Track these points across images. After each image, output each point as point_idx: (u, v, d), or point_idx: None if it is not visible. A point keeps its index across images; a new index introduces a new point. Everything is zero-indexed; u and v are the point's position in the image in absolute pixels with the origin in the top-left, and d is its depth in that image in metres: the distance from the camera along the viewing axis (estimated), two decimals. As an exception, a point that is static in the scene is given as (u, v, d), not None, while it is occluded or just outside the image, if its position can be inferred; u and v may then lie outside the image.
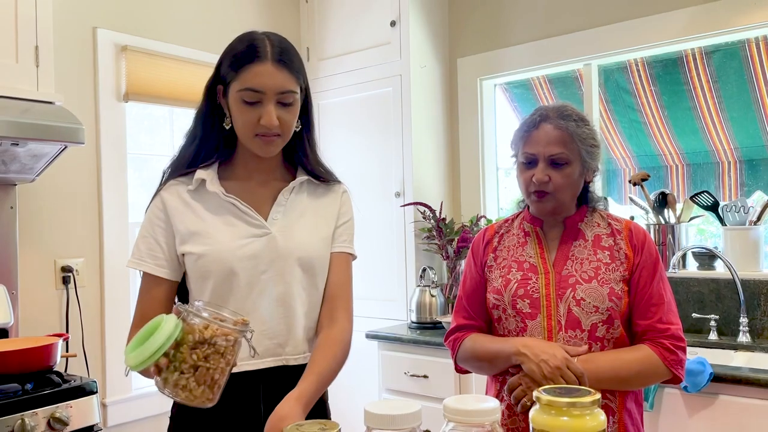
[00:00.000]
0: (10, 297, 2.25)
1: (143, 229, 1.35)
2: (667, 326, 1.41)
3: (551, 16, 3.00)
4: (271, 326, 1.32)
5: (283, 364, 1.34)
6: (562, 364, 1.32)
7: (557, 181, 1.42)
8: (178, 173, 1.37)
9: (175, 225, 1.32)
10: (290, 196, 1.38)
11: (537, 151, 1.43)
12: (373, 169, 3.20)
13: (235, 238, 1.31)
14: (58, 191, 2.52)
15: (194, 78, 2.94)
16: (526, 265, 1.49)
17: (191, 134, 1.38)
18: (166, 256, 1.32)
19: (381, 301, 3.16)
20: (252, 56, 1.26)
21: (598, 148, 1.47)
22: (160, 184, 1.38)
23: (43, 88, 2.14)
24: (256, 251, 1.31)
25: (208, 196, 1.34)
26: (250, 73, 1.26)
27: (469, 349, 1.52)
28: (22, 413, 1.82)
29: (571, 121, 1.43)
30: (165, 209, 1.33)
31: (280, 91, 1.27)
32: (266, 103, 1.27)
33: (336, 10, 3.37)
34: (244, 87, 1.26)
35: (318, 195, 1.43)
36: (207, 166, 1.36)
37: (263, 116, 1.26)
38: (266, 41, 1.29)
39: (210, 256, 1.29)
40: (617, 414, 1.41)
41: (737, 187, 2.72)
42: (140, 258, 1.33)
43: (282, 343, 1.33)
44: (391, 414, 0.84)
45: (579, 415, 0.87)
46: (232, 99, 1.29)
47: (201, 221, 1.32)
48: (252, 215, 1.33)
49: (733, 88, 2.66)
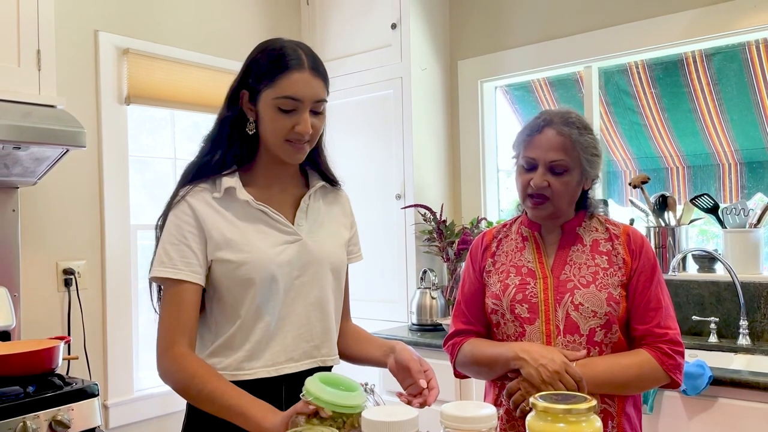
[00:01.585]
0: (12, 299, 2.26)
1: (170, 236, 1.29)
2: (665, 331, 1.41)
3: (552, 18, 3.00)
4: (309, 329, 1.36)
5: (319, 365, 1.38)
6: (560, 368, 1.32)
7: (555, 188, 1.43)
8: (200, 179, 1.34)
9: (208, 231, 1.29)
10: (309, 202, 1.40)
11: (537, 156, 1.43)
12: (374, 171, 3.21)
13: (270, 245, 1.32)
14: (60, 194, 2.53)
15: (195, 81, 2.95)
16: (524, 270, 1.50)
17: (215, 140, 1.35)
18: (200, 262, 1.29)
19: (381, 303, 3.16)
20: (289, 64, 1.26)
21: (599, 157, 1.47)
22: (180, 188, 1.35)
23: (45, 92, 2.15)
24: (290, 257, 1.33)
25: (236, 203, 1.32)
26: (287, 81, 1.26)
27: (468, 354, 1.53)
28: (24, 416, 1.82)
29: (575, 128, 1.43)
30: (195, 215, 1.30)
31: (316, 100, 1.29)
32: (302, 111, 1.27)
33: (337, 12, 3.37)
34: (283, 95, 1.26)
35: (329, 201, 1.47)
36: (230, 174, 1.34)
37: (300, 124, 1.27)
38: (299, 50, 1.29)
39: (252, 263, 1.29)
40: (616, 419, 1.42)
41: (738, 190, 2.72)
42: (174, 266, 1.27)
43: (318, 345, 1.37)
44: (388, 421, 0.84)
45: (575, 421, 0.88)
46: (264, 105, 1.28)
47: (235, 229, 1.31)
48: (282, 222, 1.34)
49: (733, 90, 2.66)
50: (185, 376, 1.23)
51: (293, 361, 1.34)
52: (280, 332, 1.33)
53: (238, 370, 1.29)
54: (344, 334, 1.49)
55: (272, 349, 1.32)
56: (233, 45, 3.16)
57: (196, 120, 3.14)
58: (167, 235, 1.30)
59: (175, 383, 1.26)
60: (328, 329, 1.39)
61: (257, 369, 1.30)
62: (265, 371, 1.31)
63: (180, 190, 1.34)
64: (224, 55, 3.10)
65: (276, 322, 1.32)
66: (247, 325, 1.31)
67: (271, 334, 1.32)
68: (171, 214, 1.32)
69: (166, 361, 1.26)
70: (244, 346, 1.30)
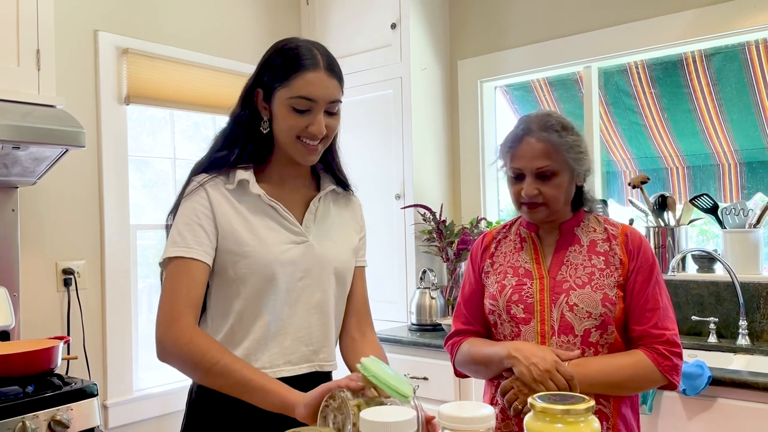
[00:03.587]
0: (12, 299, 2.26)
1: (184, 217, 1.27)
2: (662, 332, 1.41)
3: (551, 18, 3.00)
4: (309, 333, 1.34)
5: (317, 369, 1.36)
6: (551, 367, 1.33)
7: (547, 193, 1.43)
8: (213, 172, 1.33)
9: (218, 218, 1.28)
10: (319, 204, 1.39)
11: (523, 166, 1.44)
12: (374, 171, 3.21)
13: (276, 242, 1.30)
14: (59, 194, 2.53)
15: (195, 81, 2.95)
16: (522, 271, 1.50)
17: (228, 137, 1.34)
18: (212, 244, 1.27)
19: (381, 303, 3.16)
20: (304, 64, 1.25)
21: (584, 153, 1.46)
22: (191, 178, 1.33)
23: (45, 92, 2.15)
24: (294, 257, 1.31)
25: (248, 197, 1.31)
26: (302, 81, 1.25)
27: (466, 353, 1.53)
28: (23, 416, 1.82)
29: (554, 131, 1.42)
30: (210, 200, 1.29)
31: (331, 100, 1.28)
32: (316, 111, 1.27)
33: (337, 12, 3.37)
34: (297, 95, 1.25)
35: (341, 206, 1.46)
36: (245, 168, 1.32)
37: (313, 124, 1.27)
38: (315, 50, 1.28)
39: (253, 257, 1.27)
40: (611, 419, 1.42)
41: (738, 190, 2.72)
42: (187, 245, 1.25)
43: (317, 349, 1.36)
44: (385, 422, 0.84)
45: (573, 422, 0.88)
46: (278, 105, 1.28)
47: (244, 221, 1.30)
48: (291, 221, 1.33)
49: (733, 90, 2.66)
50: (196, 349, 1.18)
51: (291, 364, 1.32)
52: (280, 334, 1.31)
53: None
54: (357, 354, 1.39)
55: (270, 350, 1.30)
56: (233, 45, 3.16)
57: (196, 120, 3.14)
58: (181, 216, 1.28)
59: (182, 359, 1.20)
60: (328, 334, 1.38)
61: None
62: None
63: (194, 179, 1.32)
64: (224, 54, 3.10)
65: (276, 323, 1.31)
66: (245, 323, 1.29)
67: (271, 334, 1.31)
68: (185, 199, 1.30)
69: (172, 336, 1.19)
70: (242, 344, 1.29)
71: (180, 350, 1.19)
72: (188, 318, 1.21)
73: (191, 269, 1.24)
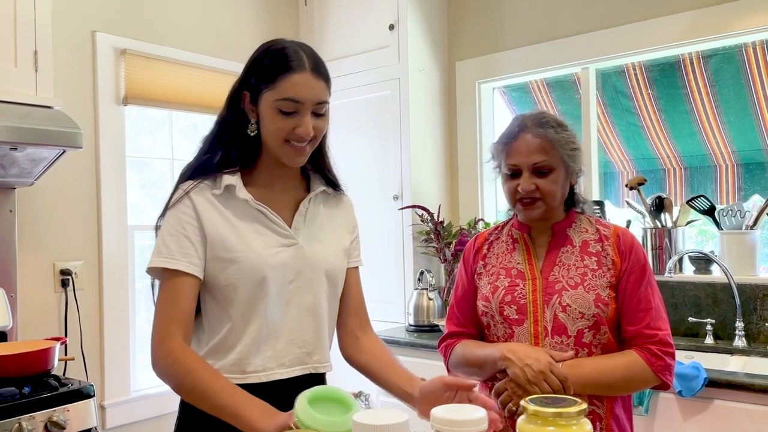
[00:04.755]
0: (9, 300, 2.26)
1: (170, 227, 1.28)
2: (654, 332, 1.41)
3: (549, 19, 3.01)
4: (301, 335, 1.34)
5: (311, 372, 1.36)
6: (545, 368, 1.33)
7: (544, 188, 1.43)
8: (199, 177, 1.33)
9: (205, 227, 1.28)
10: (309, 206, 1.39)
11: (519, 162, 1.44)
12: (372, 172, 3.21)
13: (265, 246, 1.30)
14: (57, 194, 2.54)
15: (193, 81, 2.95)
16: (514, 272, 1.50)
17: (214, 141, 1.34)
18: (198, 254, 1.27)
19: (379, 304, 3.16)
20: (290, 65, 1.25)
21: (578, 150, 1.48)
22: (178, 185, 1.33)
23: (42, 93, 2.15)
24: (284, 260, 1.31)
25: (235, 202, 1.31)
26: (288, 83, 1.24)
27: (459, 355, 1.54)
28: (20, 417, 1.83)
29: (550, 128, 1.43)
30: (195, 210, 1.28)
31: (317, 102, 1.27)
32: (303, 113, 1.26)
33: (335, 13, 3.37)
34: (283, 97, 1.24)
35: (331, 206, 1.45)
36: (231, 172, 1.32)
37: (300, 126, 1.26)
38: (300, 51, 1.27)
39: (243, 263, 1.27)
40: (604, 420, 1.42)
41: (734, 191, 2.73)
42: (172, 256, 1.25)
43: (310, 351, 1.35)
44: (378, 425, 0.84)
45: (565, 425, 0.88)
46: (265, 107, 1.27)
47: (231, 227, 1.29)
48: (280, 224, 1.33)
49: (730, 92, 2.66)
50: (179, 371, 1.21)
51: (284, 366, 1.32)
52: (272, 337, 1.31)
53: (229, 374, 1.28)
54: (363, 351, 1.43)
55: (263, 353, 1.30)
56: (231, 46, 3.16)
57: (194, 120, 3.14)
58: (166, 227, 1.29)
59: (168, 378, 1.23)
60: (321, 336, 1.37)
61: (248, 374, 1.29)
62: (256, 377, 1.29)
63: (180, 186, 1.32)
64: (222, 55, 3.10)
65: (268, 327, 1.31)
66: (239, 328, 1.30)
67: (263, 338, 1.30)
68: (171, 209, 1.30)
69: (160, 355, 1.23)
70: (235, 349, 1.29)
71: (166, 370, 1.23)
72: (175, 338, 1.23)
73: (177, 284, 1.25)
